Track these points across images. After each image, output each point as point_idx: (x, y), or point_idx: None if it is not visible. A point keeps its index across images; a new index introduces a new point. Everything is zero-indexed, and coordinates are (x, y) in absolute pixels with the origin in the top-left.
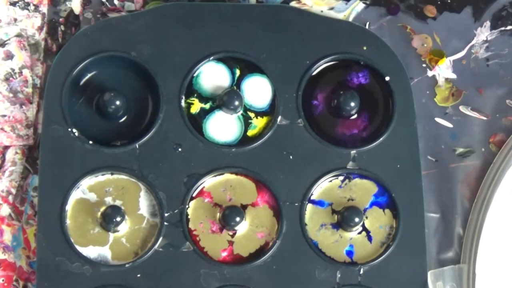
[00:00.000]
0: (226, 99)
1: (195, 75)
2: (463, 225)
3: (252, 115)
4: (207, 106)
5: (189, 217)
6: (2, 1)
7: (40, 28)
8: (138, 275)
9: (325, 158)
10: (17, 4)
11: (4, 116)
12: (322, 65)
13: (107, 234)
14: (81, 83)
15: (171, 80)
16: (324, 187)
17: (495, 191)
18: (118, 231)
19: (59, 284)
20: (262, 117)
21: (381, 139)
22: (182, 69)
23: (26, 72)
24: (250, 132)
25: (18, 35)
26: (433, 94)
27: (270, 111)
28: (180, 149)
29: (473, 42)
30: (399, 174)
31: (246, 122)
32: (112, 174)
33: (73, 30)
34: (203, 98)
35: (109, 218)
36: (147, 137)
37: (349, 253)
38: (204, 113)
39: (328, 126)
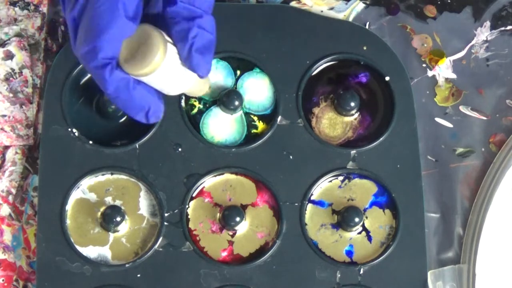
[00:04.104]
0: (226, 99)
1: None
2: (463, 225)
3: (255, 118)
4: (203, 105)
5: (189, 217)
6: (2, 1)
7: (40, 28)
8: (138, 275)
9: (325, 158)
10: (17, 4)
11: (4, 116)
12: (322, 65)
13: (107, 234)
14: (81, 83)
15: None
16: (324, 187)
17: (495, 191)
18: (118, 231)
19: (59, 284)
20: (264, 122)
21: (381, 139)
22: None
23: (26, 72)
24: (253, 132)
25: (18, 35)
26: (433, 94)
27: (271, 115)
28: (180, 149)
29: (473, 42)
30: (399, 174)
31: (250, 124)
32: (112, 174)
33: None
34: (203, 99)
35: (109, 218)
36: (147, 137)
37: (349, 253)
38: (201, 112)
39: None
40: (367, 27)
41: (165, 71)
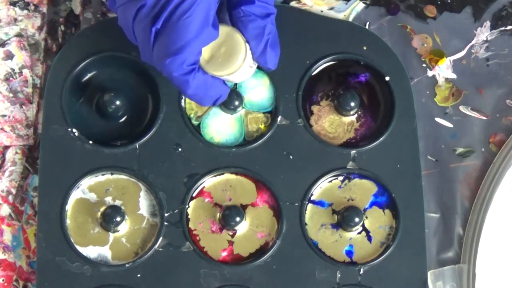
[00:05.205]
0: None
1: None
2: (463, 225)
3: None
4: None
5: (189, 217)
6: (2, 1)
7: (40, 28)
8: (138, 275)
9: (325, 158)
10: (17, 4)
11: (4, 116)
12: (322, 65)
13: (107, 234)
14: (81, 83)
15: None
16: (324, 187)
17: (495, 191)
18: (118, 231)
19: (59, 284)
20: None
21: (381, 139)
22: None
23: (26, 72)
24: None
25: (18, 35)
26: (433, 94)
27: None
28: (180, 149)
29: (473, 42)
30: (399, 174)
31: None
32: (112, 174)
33: (73, 30)
34: None
35: (109, 218)
36: (147, 137)
37: (349, 253)
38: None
39: None
40: (367, 27)
41: (243, 69)
